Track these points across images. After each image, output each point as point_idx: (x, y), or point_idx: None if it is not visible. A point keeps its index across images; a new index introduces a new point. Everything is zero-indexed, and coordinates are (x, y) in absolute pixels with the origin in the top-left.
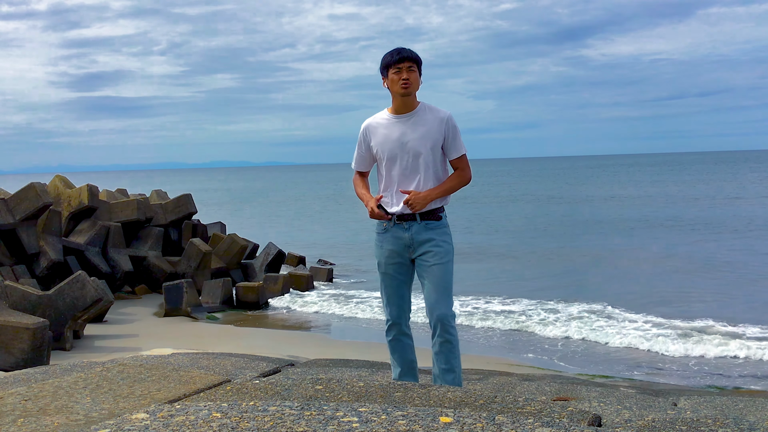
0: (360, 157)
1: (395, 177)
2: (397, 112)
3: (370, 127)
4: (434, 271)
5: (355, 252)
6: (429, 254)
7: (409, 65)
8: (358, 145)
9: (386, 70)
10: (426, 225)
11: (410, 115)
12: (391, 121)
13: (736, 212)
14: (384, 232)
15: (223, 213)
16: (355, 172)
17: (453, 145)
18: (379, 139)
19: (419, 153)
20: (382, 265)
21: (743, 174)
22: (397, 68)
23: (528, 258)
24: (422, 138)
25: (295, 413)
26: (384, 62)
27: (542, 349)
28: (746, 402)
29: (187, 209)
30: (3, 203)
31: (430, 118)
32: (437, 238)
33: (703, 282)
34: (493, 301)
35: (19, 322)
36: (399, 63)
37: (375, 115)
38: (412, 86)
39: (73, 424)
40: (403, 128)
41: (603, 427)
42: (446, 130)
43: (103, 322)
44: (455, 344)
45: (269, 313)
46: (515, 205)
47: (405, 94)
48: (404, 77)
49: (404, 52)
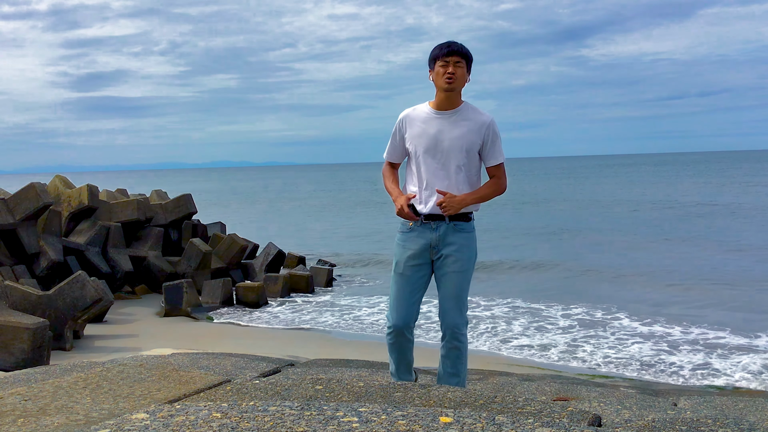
0: (393, 148)
1: (426, 174)
2: (439, 108)
3: (408, 118)
4: (454, 278)
5: (355, 252)
6: (450, 258)
7: (456, 60)
8: (393, 135)
9: (433, 63)
10: (455, 226)
11: (452, 113)
12: (431, 116)
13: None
14: (409, 231)
15: (223, 213)
16: (386, 162)
17: (492, 152)
18: (416, 132)
19: (453, 153)
20: (400, 265)
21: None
22: (445, 61)
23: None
24: (460, 138)
25: (295, 413)
26: (432, 54)
27: (542, 350)
28: (746, 402)
29: (187, 209)
30: (3, 203)
31: (471, 119)
32: (463, 243)
33: (713, 288)
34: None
35: (19, 322)
36: (447, 56)
37: (416, 106)
38: (457, 82)
39: (73, 424)
40: (442, 125)
41: (603, 427)
42: (486, 135)
43: (103, 322)
44: (463, 351)
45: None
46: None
47: (449, 89)
48: (450, 71)
49: (454, 46)
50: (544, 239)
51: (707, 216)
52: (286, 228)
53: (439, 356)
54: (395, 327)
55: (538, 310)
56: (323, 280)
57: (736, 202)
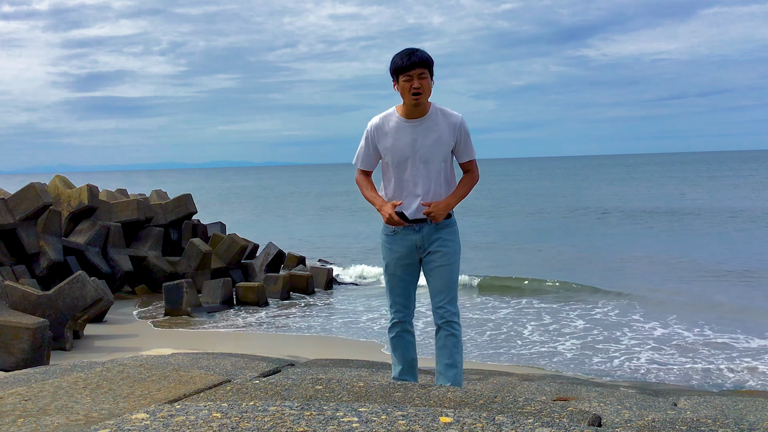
0: (366, 157)
1: (405, 182)
2: (409, 117)
3: (378, 129)
4: (441, 271)
5: (355, 252)
6: (437, 254)
7: (420, 72)
8: (365, 144)
9: (396, 75)
10: (436, 225)
11: (422, 120)
12: (401, 125)
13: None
14: (393, 234)
15: (223, 213)
16: (359, 170)
17: (465, 150)
18: (389, 143)
19: (431, 160)
20: (390, 266)
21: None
22: (408, 75)
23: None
24: (434, 145)
25: (295, 413)
26: (393, 65)
27: (542, 350)
28: (746, 402)
29: (187, 209)
30: (3, 203)
31: (442, 124)
32: (446, 238)
33: (715, 285)
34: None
35: (19, 322)
36: (409, 70)
37: (384, 114)
38: (424, 95)
39: (73, 424)
40: (414, 134)
41: (603, 427)
42: (458, 135)
43: (103, 322)
44: (459, 339)
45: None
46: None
47: (417, 104)
48: (415, 86)
49: (414, 57)
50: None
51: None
52: (286, 227)
53: (435, 350)
54: (396, 318)
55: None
56: (323, 280)
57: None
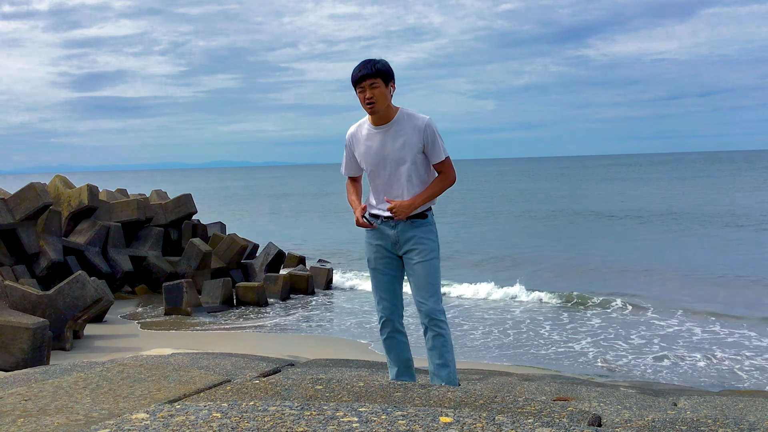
0: (348, 164)
1: (380, 186)
2: (376, 124)
3: (354, 137)
4: (418, 268)
5: (355, 252)
6: (413, 252)
7: (371, 82)
8: (346, 153)
9: (354, 88)
10: (412, 223)
11: (389, 126)
12: (372, 132)
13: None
14: (372, 229)
15: (223, 213)
16: (347, 177)
17: (433, 151)
18: (362, 150)
19: (400, 163)
20: (371, 261)
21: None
22: (360, 87)
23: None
24: (401, 149)
25: (295, 413)
26: (351, 79)
27: (542, 350)
28: (746, 402)
29: (187, 209)
30: (3, 203)
31: (408, 127)
32: (421, 236)
33: (713, 283)
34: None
35: (19, 322)
36: (360, 82)
37: (359, 122)
38: (378, 104)
39: (73, 424)
40: (382, 139)
41: (603, 427)
42: (425, 137)
43: (103, 322)
44: (447, 338)
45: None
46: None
47: (372, 113)
48: (367, 96)
49: (364, 69)
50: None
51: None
52: (287, 227)
53: (426, 351)
54: (384, 316)
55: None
56: (323, 280)
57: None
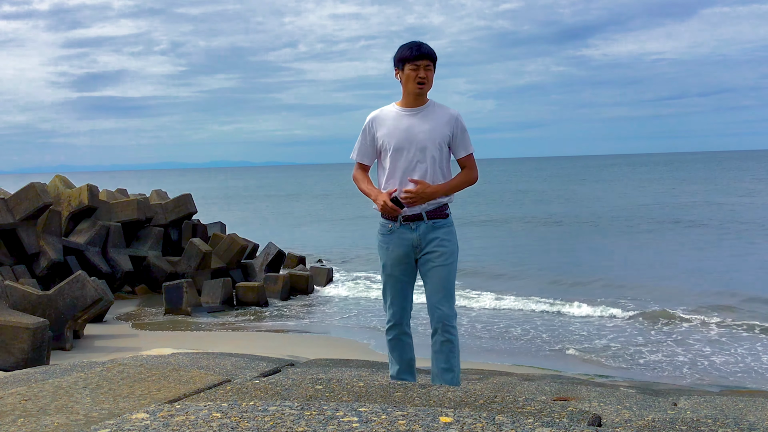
0: (363, 149)
1: (400, 169)
2: (407, 106)
3: (377, 118)
4: (438, 271)
5: (355, 251)
6: (434, 254)
7: (426, 63)
8: (362, 136)
9: (402, 64)
10: (433, 224)
11: (420, 109)
12: (400, 114)
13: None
14: (389, 233)
15: (223, 213)
16: (356, 165)
17: (461, 143)
18: (387, 130)
19: (426, 146)
20: (387, 266)
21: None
22: (415, 65)
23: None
24: (431, 131)
25: (295, 413)
26: (400, 54)
27: (542, 349)
28: (746, 402)
29: (187, 209)
30: (3, 203)
31: (439, 114)
32: (444, 237)
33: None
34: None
35: (19, 322)
36: (417, 60)
37: (382, 107)
38: (427, 86)
39: (73, 424)
40: (411, 121)
41: (603, 427)
42: (455, 128)
43: (103, 322)
44: (455, 344)
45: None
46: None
47: (419, 93)
48: (421, 75)
49: (424, 48)
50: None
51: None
52: (286, 227)
53: (431, 353)
54: (394, 320)
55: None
56: (323, 279)
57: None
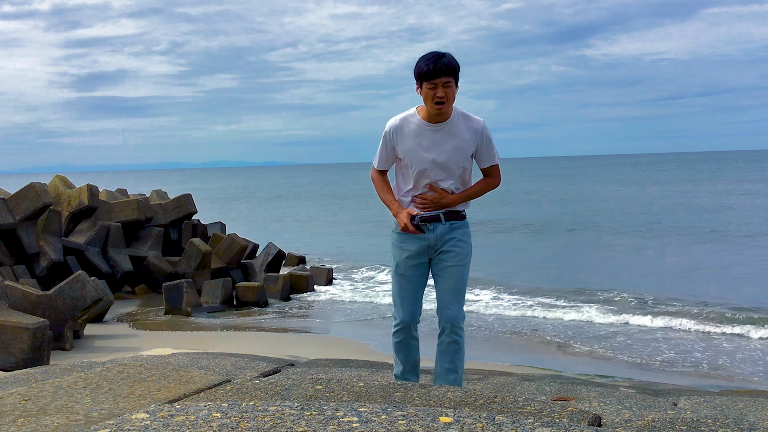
0: (384, 157)
1: (422, 183)
2: (431, 120)
3: (398, 130)
4: (453, 271)
5: (355, 251)
6: (450, 254)
7: (445, 80)
8: (383, 145)
9: (420, 80)
10: (451, 225)
11: (444, 125)
12: (422, 128)
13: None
14: (408, 233)
15: (224, 213)
16: (375, 169)
17: (486, 155)
18: (408, 146)
19: (450, 167)
20: (401, 266)
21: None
22: (432, 84)
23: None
24: (455, 151)
25: (295, 413)
26: (418, 70)
27: (542, 349)
28: (746, 402)
29: (187, 209)
30: (3, 203)
31: (463, 129)
32: (460, 238)
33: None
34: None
35: (19, 322)
36: (434, 77)
37: (404, 114)
38: (447, 104)
39: (73, 424)
40: (434, 138)
41: (603, 427)
42: (480, 140)
43: (103, 322)
44: (461, 345)
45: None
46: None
47: (439, 113)
48: (439, 95)
49: (440, 63)
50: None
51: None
52: (286, 227)
53: (436, 352)
54: (403, 323)
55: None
56: (323, 279)
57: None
